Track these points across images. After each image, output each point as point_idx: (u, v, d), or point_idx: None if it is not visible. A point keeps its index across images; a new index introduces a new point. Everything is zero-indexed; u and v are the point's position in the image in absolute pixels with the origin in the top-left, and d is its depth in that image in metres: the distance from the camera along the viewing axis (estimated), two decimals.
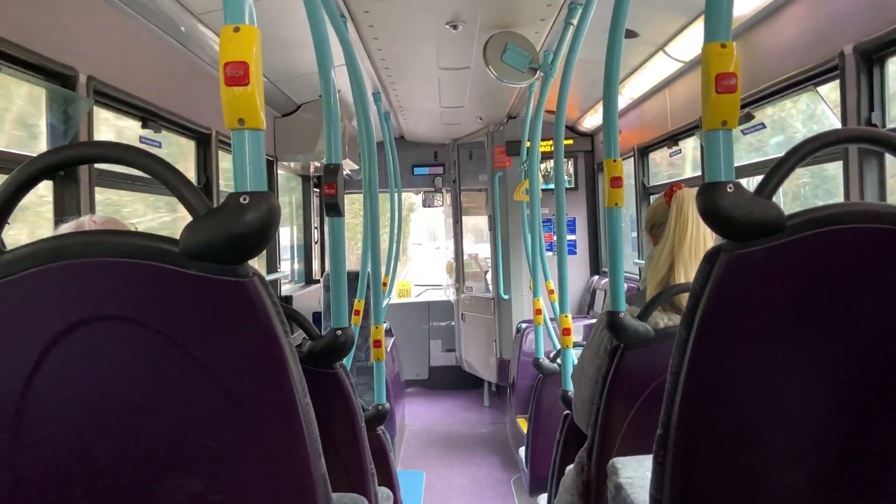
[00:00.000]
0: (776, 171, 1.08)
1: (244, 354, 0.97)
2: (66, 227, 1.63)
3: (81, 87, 2.21)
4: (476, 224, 7.70)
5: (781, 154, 1.10)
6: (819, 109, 2.52)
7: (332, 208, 1.93)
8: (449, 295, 7.32)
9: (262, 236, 0.93)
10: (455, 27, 3.32)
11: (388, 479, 2.39)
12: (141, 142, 2.74)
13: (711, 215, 1.07)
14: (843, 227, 1.06)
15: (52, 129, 2.22)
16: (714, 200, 1.06)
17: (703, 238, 1.90)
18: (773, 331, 1.09)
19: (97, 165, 2.30)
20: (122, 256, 0.93)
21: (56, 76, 2.14)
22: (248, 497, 1.01)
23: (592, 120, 5.55)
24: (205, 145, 3.31)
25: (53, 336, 0.94)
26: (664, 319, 1.89)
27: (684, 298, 1.76)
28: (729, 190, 1.06)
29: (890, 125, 2.12)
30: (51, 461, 0.98)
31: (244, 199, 0.92)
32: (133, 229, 1.69)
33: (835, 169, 2.50)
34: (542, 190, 4.44)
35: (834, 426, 1.12)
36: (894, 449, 1.12)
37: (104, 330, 0.95)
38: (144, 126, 2.75)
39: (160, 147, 2.86)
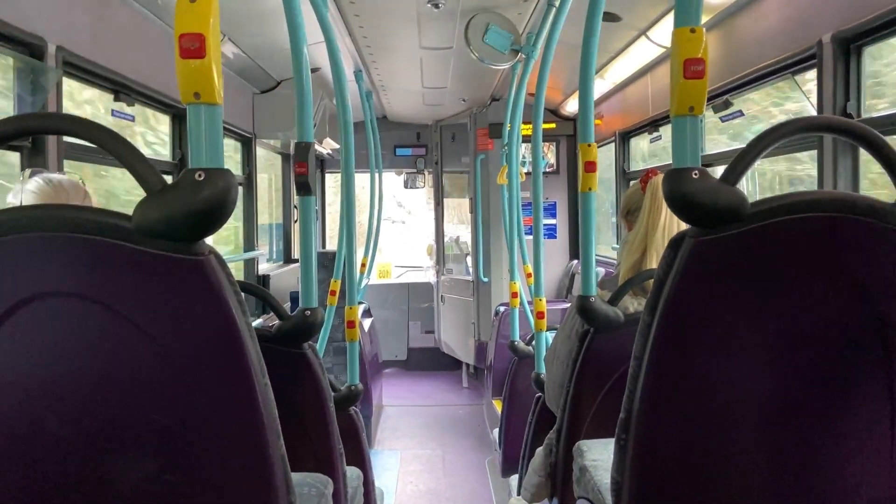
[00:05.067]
0: (741, 159, 1.08)
1: (199, 333, 0.95)
2: (33, 188, 1.61)
3: (50, 57, 2.17)
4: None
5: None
6: None
7: (303, 187, 1.90)
8: (429, 277, 7.32)
9: (219, 213, 0.92)
10: (437, 6, 3.28)
11: (360, 459, 2.39)
12: (113, 115, 2.69)
13: (676, 201, 1.07)
14: (806, 215, 1.06)
15: (19, 100, 2.17)
16: (679, 186, 1.06)
17: (676, 224, 1.90)
18: (735, 317, 1.10)
19: (66, 138, 2.26)
20: (74, 231, 0.91)
21: (24, 46, 2.09)
22: (204, 477, 1.01)
23: (575, 104, 5.52)
24: (180, 120, 3.25)
25: (4, 310, 0.92)
26: (634, 304, 1.90)
27: None
28: (694, 176, 1.05)
29: (865, 115, 2.13)
30: (2, 437, 0.97)
31: (200, 176, 0.91)
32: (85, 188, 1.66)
33: None
34: (524, 173, 4.43)
35: (793, 410, 1.13)
36: (851, 433, 1.13)
37: (55, 306, 0.93)
38: (117, 99, 2.70)
39: (132, 120, 2.81)
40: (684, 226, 1.84)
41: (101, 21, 2.53)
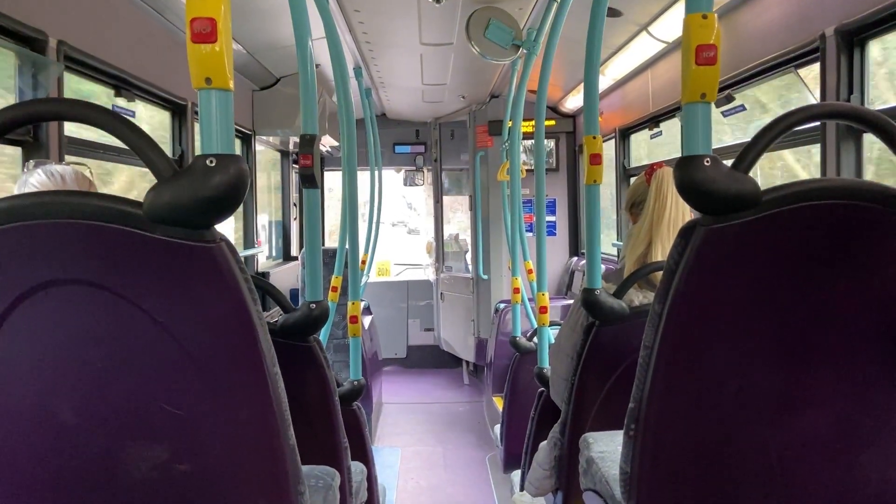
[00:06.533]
0: (753, 147, 1.07)
1: (210, 320, 0.95)
2: (35, 181, 1.59)
3: (52, 51, 2.16)
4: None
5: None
6: None
7: (308, 179, 1.90)
8: (428, 274, 7.31)
9: (230, 200, 0.91)
10: (438, 1, 3.27)
11: (363, 454, 2.39)
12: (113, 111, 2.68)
13: (688, 188, 1.06)
14: (817, 202, 1.05)
15: (20, 95, 2.16)
16: (691, 174, 1.05)
17: (681, 216, 1.90)
18: (746, 305, 1.09)
19: (67, 132, 2.25)
20: (84, 218, 0.90)
21: (25, 40, 2.08)
22: (214, 466, 1.00)
23: (575, 101, 5.53)
24: (180, 116, 3.24)
25: (14, 299, 0.92)
26: (639, 297, 1.90)
27: (659, 276, 1.77)
28: (706, 163, 1.05)
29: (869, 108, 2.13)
30: (13, 424, 0.96)
31: (211, 162, 0.90)
32: (91, 178, 1.65)
33: None
34: (525, 170, 4.43)
35: (804, 399, 1.13)
36: (862, 422, 1.13)
37: (66, 293, 0.92)
38: (118, 95, 2.69)
39: (133, 116, 2.80)
40: (689, 217, 1.84)
41: (102, 16, 2.53)
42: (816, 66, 2.27)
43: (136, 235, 0.90)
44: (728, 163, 1.08)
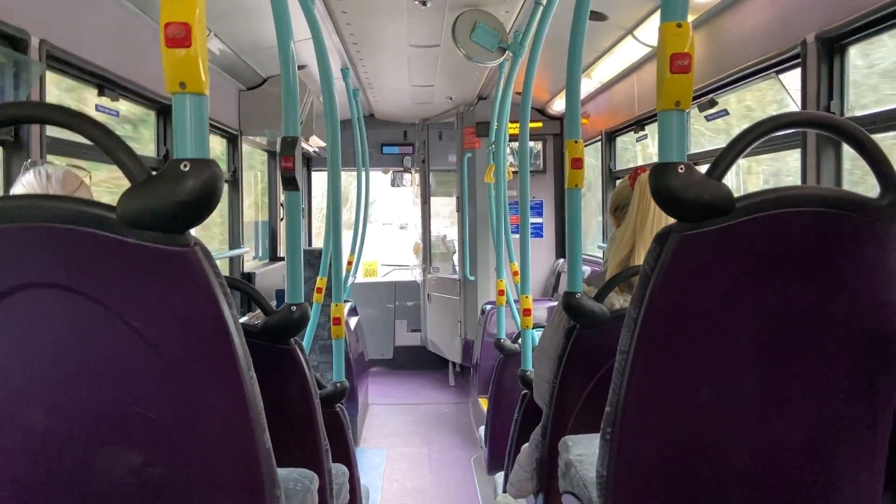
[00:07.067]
0: (727, 154, 1.09)
1: (185, 325, 0.95)
2: (24, 181, 1.58)
3: (33, 50, 2.14)
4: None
5: None
6: None
7: (289, 182, 1.89)
8: (415, 275, 7.31)
9: (204, 204, 0.91)
10: (424, 3, 3.27)
11: (345, 457, 2.38)
12: (97, 110, 2.67)
13: (662, 195, 1.08)
14: (791, 209, 1.07)
15: (2, 94, 2.15)
16: (665, 181, 1.06)
17: (664, 220, 1.91)
18: (720, 310, 1.10)
19: (49, 132, 2.24)
20: (57, 222, 0.90)
21: (7, 39, 2.07)
22: (188, 470, 1.00)
23: (562, 103, 5.54)
24: (165, 115, 3.23)
25: None
26: (620, 300, 1.91)
27: None
28: (680, 171, 1.06)
29: (848, 114, 2.15)
30: None
31: (185, 166, 0.90)
32: (83, 179, 1.64)
33: None
34: (512, 172, 4.44)
35: (778, 403, 1.14)
36: (835, 425, 1.15)
37: (38, 297, 0.92)
38: (101, 94, 2.67)
39: (117, 116, 2.79)
40: (672, 222, 1.85)
41: (85, 15, 2.51)
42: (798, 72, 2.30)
43: (109, 239, 0.90)
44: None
